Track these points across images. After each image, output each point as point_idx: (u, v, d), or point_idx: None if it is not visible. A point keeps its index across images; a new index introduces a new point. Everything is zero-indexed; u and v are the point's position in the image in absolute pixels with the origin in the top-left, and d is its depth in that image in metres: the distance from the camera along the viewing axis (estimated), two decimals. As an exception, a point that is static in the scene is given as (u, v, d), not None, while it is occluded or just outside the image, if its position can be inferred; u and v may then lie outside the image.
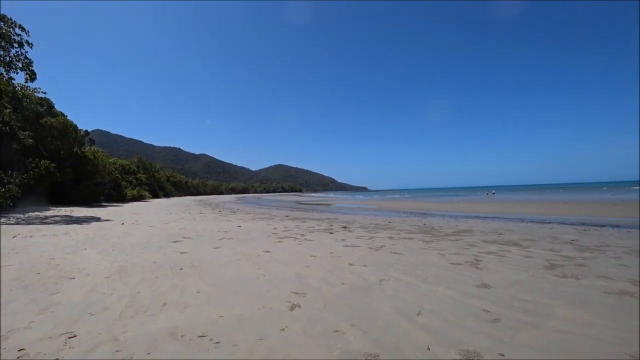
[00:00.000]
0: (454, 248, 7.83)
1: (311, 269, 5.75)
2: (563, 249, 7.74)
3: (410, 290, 4.47)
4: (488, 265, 5.98)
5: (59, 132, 28.70)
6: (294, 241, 9.03)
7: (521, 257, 6.76)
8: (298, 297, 4.18)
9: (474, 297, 4.20)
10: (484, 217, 19.04)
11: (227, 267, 5.81)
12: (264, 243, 8.68)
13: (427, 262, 6.32)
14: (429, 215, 21.17)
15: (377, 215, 21.27)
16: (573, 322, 3.45)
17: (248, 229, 12.31)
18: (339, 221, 15.70)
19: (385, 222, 14.90)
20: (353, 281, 4.94)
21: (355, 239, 9.50)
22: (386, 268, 5.78)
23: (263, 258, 6.66)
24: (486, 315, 3.61)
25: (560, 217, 18.11)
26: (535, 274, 5.44)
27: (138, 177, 58.79)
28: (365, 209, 30.19)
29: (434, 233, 10.74)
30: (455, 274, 5.41)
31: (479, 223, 14.69)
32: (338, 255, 6.94)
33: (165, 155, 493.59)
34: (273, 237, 9.94)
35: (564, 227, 12.71)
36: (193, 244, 8.39)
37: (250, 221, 15.87)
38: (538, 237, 9.77)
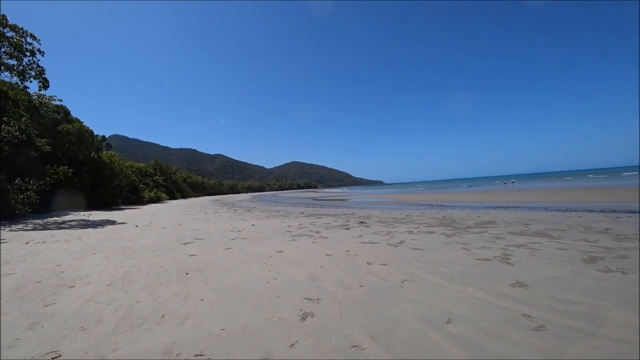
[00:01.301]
0: (478, 241, 7.29)
1: (326, 269, 5.32)
2: (599, 239, 7.13)
3: (435, 292, 4.00)
4: (519, 260, 5.44)
5: (76, 138, 29.07)
6: (309, 239, 8.63)
7: (554, 250, 6.20)
8: (311, 303, 3.75)
9: (510, 299, 3.70)
10: (505, 207, 18.29)
11: (236, 270, 5.43)
12: (277, 242, 8.31)
13: (451, 258, 5.82)
14: (448, 207, 20.49)
15: (394, 209, 20.70)
16: (633, 328, 2.94)
17: (262, 227, 11.99)
18: (355, 216, 15.23)
19: (403, 216, 14.36)
20: (372, 283, 4.49)
21: (373, 234, 9.03)
22: (407, 266, 5.31)
23: (275, 259, 6.27)
24: (527, 322, 3.13)
25: (587, 204, 17.24)
26: (573, 268, 4.89)
27: (155, 180, 59.44)
28: (382, 203, 29.60)
29: (455, 226, 10.18)
30: (484, 271, 4.90)
31: (501, 213, 14.02)
32: (355, 254, 6.50)
33: (181, 157, 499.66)
34: (287, 235, 9.57)
35: (593, 215, 11.97)
36: (204, 246, 8.09)
37: (264, 219, 15.58)
38: (567, 226, 9.12)
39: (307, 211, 20.89)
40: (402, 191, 65.08)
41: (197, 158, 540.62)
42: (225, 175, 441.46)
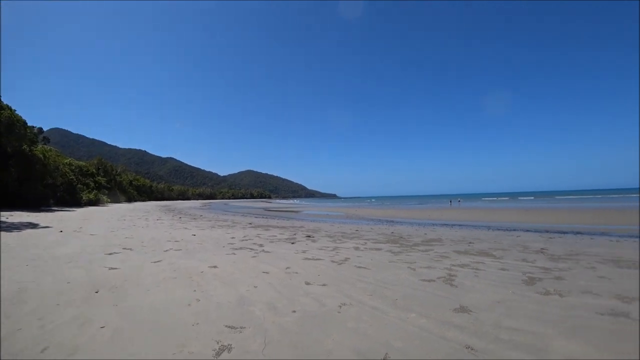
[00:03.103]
0: (424, 260, 7.14)
1: (259, 290, 4.80)
2: (536, 259, 7.27)
3: (375, 320, 3.64)
4: (464, 282, 5.28)
5: (5, 128, 26.14)
6: (249, 253, 8.04)
7: (497, 270, 6.16)
8: (232, 333, 3.22)
9: (453, 327, 3.43)
10: (451, 224, 18.79)
11: (156, 289, 4.74)
12: (214, 255, 7.64)
13: (396, 278, 5.54)
14: (397, 222, 20.72)
15: (344, 223, 20.54)
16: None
17: (203, 238, 11.19)
18: (304, 229, 14.81)
19: (352, 231, 14.15)
20: (307, 307, 4.04)
21: (318, 250, 8.63)
22: (348, 288, 4.92)
23: (205, 276, 5.62)
24: (470, 355, 2.85)
25: (524, 224, 18.17)
26: (515, 290, 4.80)
27: (97, 180, 55.29)
28: (333, 216, 29.48)
29: (403, 243, 10.08)
30: (429, 294, 4.65)
31: (447, 231, 14.27)
32: (295, 271, 6.03)
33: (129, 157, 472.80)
34: (227, 248, 8.90)
35: (529, 235, 12.51)
36: (131, 257, 7.23)
37: (208, 229, 14.69)
38: (508, 245, 9.34)
39: (256, 222, 20.15)
40: (354, 205, 65.78)
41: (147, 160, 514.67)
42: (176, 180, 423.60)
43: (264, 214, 33.02)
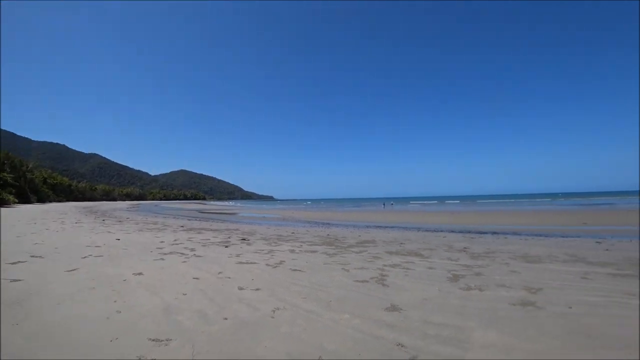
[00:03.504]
0: (358, 261, 7.33)
1: (188, 297, 4.53)
2: (459, 257, 7.84)
3: (309, 323, 3.63)
4: (395, 281, 5.51)
5: None
6: (179, 258, 7.61)
7: (425, 269, 6.53)
8: (156, 346, 2.98)
9: (385, 326, 3.54)
10: (384, 226, 19.58)
11: (70, 302, 4.25)
12: (140, 261, 7.10)
13: (330, 280, 5.61)
14: (333, 225, 21.11)
15: (281, 225, 20.45)
16: (493, 350, 3.02)
17: (128, 242, 10.36)
18: (239, 232, 14.43)
19: (288, 233, 14.10)
20: (239, 313, 3.90)
21: (253, 253, 8.44)
22: (283, 292, 4.86)
23: (129, 284, 5.19)
24: (401, 352, 2.95)
25: (450, 225, 19.58)
26: (441, 287, 5.13)
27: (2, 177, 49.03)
28: (270, 219, 29.19)
29: (338, 244, 10.27)
30: (362, 294, 4.76)
31: (380, 233, 14.84)
32: (228, 276, 5.81)
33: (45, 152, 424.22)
34: (155, 253, 8.34)
35: (454, 235, 13.51)
36: (40, 266, 6.44)
37: (135, 232, 13.65)
38: (435, 245, 9.96)
39: (189, 224, 19.21)
40: (291, 207, 65.79)
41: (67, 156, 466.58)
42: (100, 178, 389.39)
43: (198, 216, 31.65)
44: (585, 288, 5.08)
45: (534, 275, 5.94)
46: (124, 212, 36.76)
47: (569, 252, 8.57)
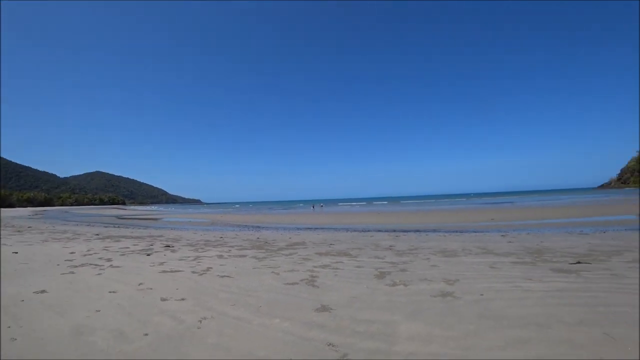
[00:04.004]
0: (288, 264, 7.28)
1: (103, 314, 4.08)
2: (386, 255, 8.20)
3: (238, 330, 3.48)
4: (325, 282, 5.57)
5: None
6: (93, 270, 6.85)
7: (353, 268, 6.70)
8: (61, 373, 2.64)
9: (315, 327, 3.54)
10: (314, 228, 19.82)
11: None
12: (43, 277, 6.23)
13: (260, 284, 5.48)
14: (263, 228, 20.83)
15: (208, 230, 19.59)
16: (418, 340, 3.18)
17: (29, 255, 9.05)
18: (163, 239, 13.49)
19: (216, 238, 13.54)
20: (162, 327, 3.60)
21: (178, 261, 7.94)
22: (210, 300, 4.62)
23: (29, 305, 4.50)
24: (332, 352, 2.96)
25: (377, 225, 20.48)
26: (369, 285, 5.30)
27: None
28: (197, 223, 27.78)
29: (268, 248, 10.12)
30: (292, 297, 4.72)
31: (310, 234, 14.98)
32: (149, 287, 5.36)
33: None
34: (64, 266, 7.40)
35: (381, 234, 14.15)
36: None
37: (38, 244, 11.99)
38: (363, 245, 10.32)
39: (105, 232, 17.47)
40: (220, 211, 63.57)
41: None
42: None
43: (116, 223, 29.00)
44: (493, 276, 5.63)
45: (451, 268, 6.43)
46: (24, 221, 32.19)
47: (480, 245, 9.46)
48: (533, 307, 4.03)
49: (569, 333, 3.23)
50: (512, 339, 3.13)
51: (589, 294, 4.46)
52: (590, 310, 3.86)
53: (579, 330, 3.30)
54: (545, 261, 6.81)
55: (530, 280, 5.26)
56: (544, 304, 4.13)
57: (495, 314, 3.81)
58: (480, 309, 4.02)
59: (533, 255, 7.56)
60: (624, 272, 5.68)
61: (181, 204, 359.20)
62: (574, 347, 2.93)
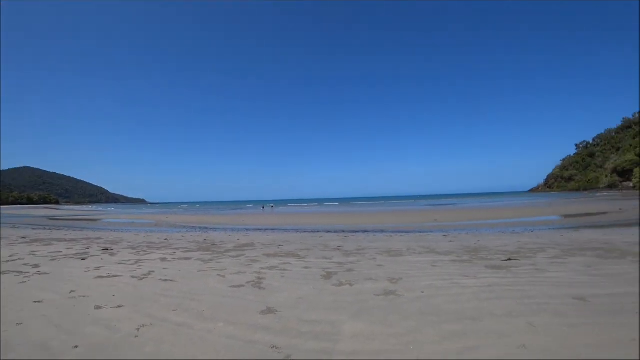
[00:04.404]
0: (235, 266, 7.13)
1: (25, 327, 3.69)
2: (334, 255, 8.32)
3: (179, 337, 3.33)
4: (271, 283, 5.52)
5: None
6: (15, 278, 6.20)
7: (301, 269, 6.72)
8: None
9: (260, 330, 3.50)
10: (264, 229, 19.63)
11: None
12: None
13: (204, 288, 5.30)
14: (211, 229, 20.24)
15: (153, 231, 18.63)
16: (361, 338, 3.26)
17: None
18: (101, 241, 12.58)
19: (160, 240, 12.91)
20: (95, 338, 3.34)
21: (117, 265, 7.46)
22: (150, 306, 4.38)
23: None
24: (275, 354, 2.95)
25: (327, 226, 20.74)
26: (316, 285, 5.34)
27: None
28: (140, 225, 26.29)
29: (215, 249, 9.84)
30: (237, 299, 4.63)
31: (259, 235, 14.81)
32: (82, 295, 4.97)
33: None
34: (-22, 274, 6.66)
35: (330, 235, 14.34)
36: None
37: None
38: (312, 245, 10.38)
39: (33, 235, 15.90)
40: (166, 212, 60.54)
41: None
42: None
43: (47, 225, 26.48)
44: (434, 274, 5.92)
45: (396, 267, 6.67)
46: None
47: (424, 245, 9.92)
48: (468, 302, 4.31)
49: (498, 324, 3.49)
50: (448, 333, 3.32)
51: (516, 288, 4.86)
52: (517, 302, 4.21)
53: (506, 321, 3.58)
54: (481, 259, 7.29)
55: (466, 277, 5.60)
56: (477, 298, 4.43)
57: (434, 310, 4.01)
58: (421, 305, 4.21)
59: (470, 253, 8.06)
60: (546, 267, 6.26)
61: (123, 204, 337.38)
62: (501, 337, 3.18)
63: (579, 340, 3.05)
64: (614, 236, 10.86)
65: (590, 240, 9.97)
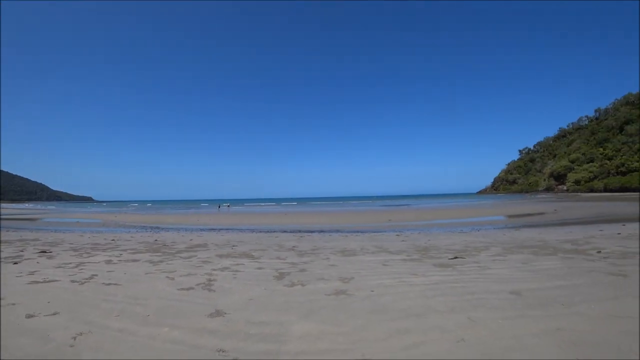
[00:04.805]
0: (186, 267, 6.92)
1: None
2: (288, 255, 8.33)
3: (120, 344, 3.17)
4: (222, 285, 5.42)
5: None
6: None
7: (254, 270, 6.67)
8: None
9: (207, 334, 3.42)
10: (219, 229, 19.22)
11: None
12: None
13: (151, 291, 5.09)
14: (164, 229, 19.49)
15: (100, 231, 17.58)
16: (309, 338, 3.29)
17: None
18: (38, 243, 11.66)
19: (107, 241, 12.21)
20: (23, 350, 3.07)
21: (55, 269, 6.95)
22: (89, 312, 4.13)
23: None
24: (221, 357, 2.90)
25: (284, 226, 20.69)
26: (267, 286, 5.32)
27: None
28: (87, 224, 24.63)
29: (165, 251, 9.49)
30: (185, 302, 4.49)
31: (214, 236, 14.49)
32: (11, 303, 4.53)
33: None
34: None
35: (286, 235, 14.34)
36: None
37: None
38: (267, 246, 10.33)
39: (-45, 238, 14.46)
40: (115, 210, 57.20)
41: None
42: None
43: (-28, 227, 24.15)
44: (385, 273, 6.11)
45: (348, 267, 6.80)
46: None
47: (377, 244, 10.19)
48: (415, 299, 4.49)
49: (441, 320, 3.68)
50: (395, 330, 3.44)
51: (459, 285, 5.14)
52: (459, 298, 4.46)
53: (449, 316, 3.79)
54: (430, 257, 7.62)
55: (415, 276, 5.83)
56: (424, 296, 4.63)
57: (383, 308, 4.15)
58: (370, 304, 4.33)
59: (420, 252, 8.40)
60: (489, 264, 6.68)
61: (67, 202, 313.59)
62: (443, 332, 3.35)
63: (510, 332, 3.30)
64: (548, 235, 11.81)
65: (528, 238, 10.78)
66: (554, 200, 60.31)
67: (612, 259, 6.85)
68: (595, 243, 9.20)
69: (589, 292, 4.62)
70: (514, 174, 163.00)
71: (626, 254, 7.41)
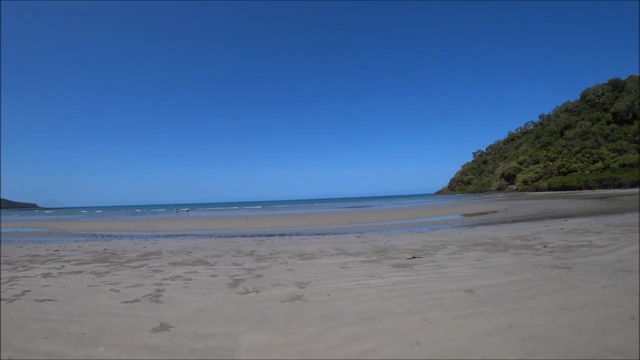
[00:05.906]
0: (134, 278, 6.50)
1: None
2: (245, 261, 8.09)
3: (45, 368, 2.89)
4: (172, 295, 5.12)
5: None
6: None
7: (207, 277, 6.40)
8: None
9: (147, 350, 3.17)
10: (175, 235, 18.48)
11: None
12: None
13: (91, 306, 4.70)
14: (116, 237, 18.43)
15: (42, 242, 16.23)
16: (258, 350, 3.15)
17: None
18: (-34, 257, 10.58)
19: (49, 252, 11.26)
20: None
21: (-19, 285, 6.29)
22: (14, 334, 3.71)
23: None
24: (159, 377, 2.71)
25: (244, 230, 20.27)
26: (220, 295, 5.10)
27: None
28: (27, 234, 22.70)
29: (114, 260, 8.90)
30: (128, 317, 4.18)
31: (169, 242, 13.87)
32: None
33: None
34: None
35: (245, 240, 14.02)
36: None
37: None
38: (224, 251, 9.99)
39: None
40: (62, 218, 53.18)
41: None
42: None
43: None
44: (342, 276, 6.07)
45: (306, 271, 6.69)
46: None
47: (337, 246, 10.17)
48: (371, 302, 4.46)
49: (396, 323, 3.66)
50: (348, 336, 3.37)
51: (416, 285, 5.19)
52: (415, 299, 4.48)
53: (404, 318, 3.78)
54: (388, 258, 7.68)
55: (372, 277, 5.82)
56: (380, 298, 4.61)
57: (337, 313, 4.07)
58: (325, 309, 4.25)
59: (379, 253, 8.45)
60: (445, 262, 6.84)
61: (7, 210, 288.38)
62: (397, 336, 3.31)
63: (465, 332, 3.33)
64: (499, 232, 12.37)
65: (482, 236, 11.21)
66: (505, 199, 64.18)
67: (557, 253, 7.26)
68: (542, 238, 9.74)
69: (537, 286, 4.83)
70: (468, 175, 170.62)
71: (569, 247, 7.89)
